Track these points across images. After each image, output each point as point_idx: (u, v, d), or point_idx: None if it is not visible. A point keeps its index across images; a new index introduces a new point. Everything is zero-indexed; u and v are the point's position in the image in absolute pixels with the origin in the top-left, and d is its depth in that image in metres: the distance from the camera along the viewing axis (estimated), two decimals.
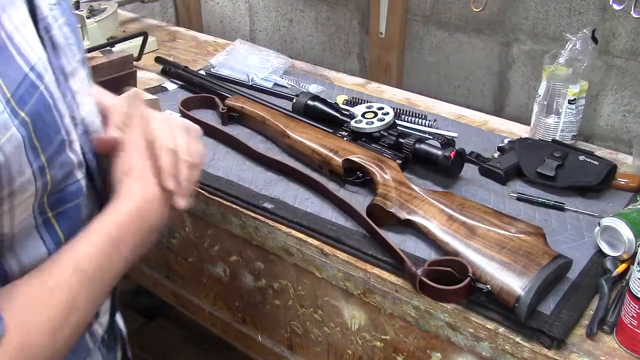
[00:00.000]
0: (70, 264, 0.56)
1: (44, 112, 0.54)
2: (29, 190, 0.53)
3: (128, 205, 0.62)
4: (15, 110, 0.49)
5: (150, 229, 0.65)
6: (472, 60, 1.51)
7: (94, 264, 0.57)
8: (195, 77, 1.38)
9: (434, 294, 0.80)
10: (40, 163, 0.53)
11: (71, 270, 0.56)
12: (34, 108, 0.52)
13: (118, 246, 0.60)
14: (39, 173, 0.53)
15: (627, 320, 0.74)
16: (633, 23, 1.22)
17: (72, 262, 0.56)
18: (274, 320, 1.14)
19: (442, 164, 1.01)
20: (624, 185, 1.04)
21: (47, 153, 0.54)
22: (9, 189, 0.50)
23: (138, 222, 0.63)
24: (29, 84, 0.52)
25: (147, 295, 1.93)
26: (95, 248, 0.58)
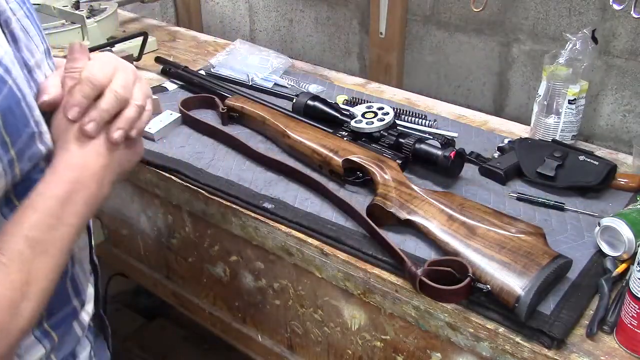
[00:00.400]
0: (19, 235, 0.54)
1: (14, 106, 0.54)
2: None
3: (68, 164, 0.59)
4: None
5: (95, 184, 0.61)
6: (472, 60, 1.51)
7: (43, 229, 0.55)
8: (195, 77, 1.38)
9: (434, 294, 0.80)
10: (9, 157, 0.53)
11: (22, 241, 0.54)
12: (4, 103, 0.52)
13: (65, 206, 0.57)
14: (9, 167, 0.54)
15: (627, 320, 0.74)
16: (633, 23, 1.22)
17: (20, 233, 0.54)
18: (274, 320, 1.14)
19: (442, 164, 1.01)
20: (624, 185, 1.04)
21: (16, 147, 0.54)
22: None
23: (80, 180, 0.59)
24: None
25: (147, 295, 1.93)
26: (41, 213, 0.56)
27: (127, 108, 0.62)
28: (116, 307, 2.02)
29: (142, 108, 0.64)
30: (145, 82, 0.66)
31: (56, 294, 0.65)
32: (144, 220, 1.29)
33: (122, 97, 0.61)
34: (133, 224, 1.32)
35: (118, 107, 0.61)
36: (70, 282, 0.70)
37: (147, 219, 1.28)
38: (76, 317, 0.73)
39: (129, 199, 1.29)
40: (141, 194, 1.25)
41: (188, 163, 1.13)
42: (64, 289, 0.69)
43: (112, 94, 0.60)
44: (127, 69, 0.64)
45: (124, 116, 0.62)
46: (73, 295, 0.71)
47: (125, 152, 0.65)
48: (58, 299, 0.68)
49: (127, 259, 1.43)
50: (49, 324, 0.67)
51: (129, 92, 0.62)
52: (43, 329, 0.66)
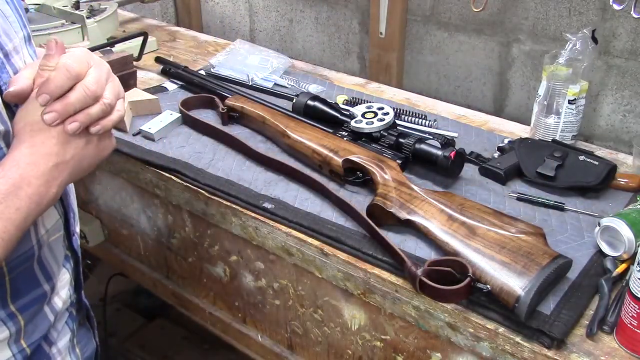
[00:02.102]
0: None
1: None
2: None
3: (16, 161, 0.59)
4: None
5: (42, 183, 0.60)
6: (472, 60, 1.51)
7: None
8: (195, 77, 1.38)
9: (434, 294, 0.80)
10: None
11: None
12: None
13: (7, 201, 0.57)
14: None
15: (627, 320, 0.74)
16: (633, 23, 1.22)
17: None
18: (274, 320, 1.14)
19: (442, 164, 1.01)
20: (624, 185, 1.04)
21: None
22: None
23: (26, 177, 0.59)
24: None
25: (147, 295, 1.93)
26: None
27: (93, 105, 0.62)
28: (116, 307, 2.02)
29: (109, 107, 0.63)
30: (118, 83, 0.66)
31: (23, 277, 0.66)
32: (144, 220, 1.29)
33: (92, 92, 0.61)
34: (133, 224, 1.32)
35: (86, 103, 0.61)
36: (39, 266, 0.70)
37: (147, 219, 1.28)
38: (47, 302, 0.73)
39: (129, 199, 1.29)
40: (141, 194, 1.25)
41: (188, 163, 1.13)
42: (31, 271, 0.69)
43: (82, 88, 0.60)
44: (101, 66, 0.64)
45: (87, 111, 0.62)
46: (43, 279, 0.71)
47: (85, 150, 0.64)
48: (25, 282, 0.68)
49: (127, 259, 1.43)
50: (16, 306, 0.67)
51: (99, 88, 0.62)
52: (9, 311, 0.67)
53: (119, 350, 1.86)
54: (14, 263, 0.65)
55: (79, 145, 0.63)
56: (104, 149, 0.67)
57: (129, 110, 1.25)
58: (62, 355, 0.77)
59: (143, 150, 1.17)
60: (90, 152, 0.64)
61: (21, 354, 0.70)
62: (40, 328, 0.72)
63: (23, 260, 0.67)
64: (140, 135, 1.21)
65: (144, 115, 1.27)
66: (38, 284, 0.71)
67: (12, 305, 0.67)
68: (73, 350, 0.80)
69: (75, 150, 0.62)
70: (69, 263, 0.78)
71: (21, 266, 0.67)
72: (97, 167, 0.68)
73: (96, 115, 0.62)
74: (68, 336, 0.79)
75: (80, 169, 0.64)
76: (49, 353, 0.75)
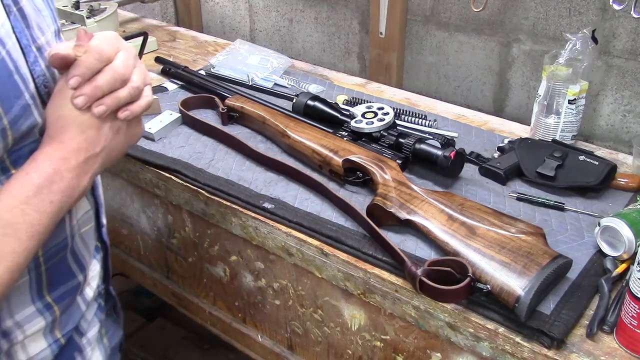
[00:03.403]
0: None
1: (5, 77, 0.55)
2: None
3: (48, 156, 0.60)
4: None
5: (74, 177, 0.61)
6: (472, 60, 1.51)
7: (16, 213, 0.56)
8: (195, 77, 1.38)
9: (434, 294, 0.80)
10: (2, 125, 0.55)
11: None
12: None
13: (40, 194, 0.58)
14: (1, 135, 0.55)
15: (627, 320, 0.74)
16: (633, 23, 1.22)
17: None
18: (274, 320, 1.14)
19: (442, 164, 1.01)
20: (624, 185, 1.04)
21: (9, 116, 0.56)
22: None
23: (59, 172, 0.60)
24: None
25: (147, 295, 1.93)
26: (15, 199, 0.57)
27: (121, 88, 0.62)
28: None
29: (137, 90, 0.63)
30: (145, 69, 0.66)
31: (58, 268, 0.68)
32: (144, 220, 1.29)
33: (120, 75, 0.61)
34: (133, 224, 1.32)
35: (114, 86, 0.61)
36: (72, 256, 0.71)
37: (147, 219, 1.28)
38: (80, 292, 0.74)
39: (129, 199, 1.29)
40: (141, 194, 1.25)
41: (188, 163, 1.13)
42: (65, 262, 0.70)
43: (111, 71, 0.61)
44: (129, 50, 0.64)
45: (115, 94, 0.61)
46: (77, 270, 0.72)
47: (115, 141, 0.64)
48: (60, 272, 0.69)
49: (127, 259, 1.43)
50: (52, 297, 0.68)
51: (128, 72, 0.62)
52: (45, 302, 0.68)
53: None
54: (49, 254, 0.66)
55: (108, 137, 0.63)
56: (133, 136, 0.67)
57: None
58: (92, 346, 0.78)
59: (143, 150, 1.17)
60: (120, 141, 0.65)
61: (56, 344, 0.71)
62: (73, 318, 0.74)
63: (57, 251, 0.67)
64: None
65: (144, 115, 1.26)
66: (72, 275, 0.72)
67: (48, 296, 0.68)
68: (101, 340, 0.81)
69: (105, 142, 0.63)
70: (99, 254, 0.80)
71: (56, 257, 0.67)
72: None
73: (124, 99, 0.62)
74: (97, 327, 0.80)
75: (110, 159, 0.65)
76: (79, 343, 0.76)
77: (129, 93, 0.62)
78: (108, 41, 0.61)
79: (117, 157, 0.66)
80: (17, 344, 0.66)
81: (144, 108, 0.65)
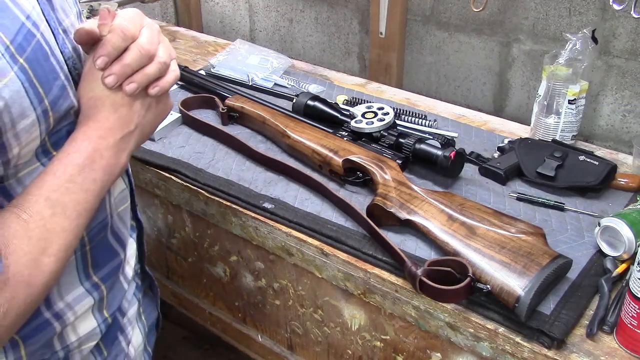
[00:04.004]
0: (40, 196, 0.56)
1: (42, 59, 0.56)
2: (33, 132, 0.55)
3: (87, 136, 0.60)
4: (14, 56, 0.52)
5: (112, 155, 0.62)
6: (472, 60, 1.51)
7: (62, 192, 0.57)
8: (195, 77, 1.38)
9: (434, 294, 0.80)
10: (44, 107, 0.56)
11: (42, 201, 0.56)
12: (31, 55, 0.54)
13: (83, 173, 0.59)
14: (43, 117, 0.56)
15: (627, 320, 0.74)
16: (633, 23, 1.22)
17: (41, 195, 0.56)
18: (274, 320, 1.14)
19: (442, 164, 1.01)
20: (624, 185, 1.04)
21: (50, 98, 0.56)
22: (13, 131, 0.53)
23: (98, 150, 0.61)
24: (26, 32, 0.54)
25: None
26: (60, 179, 0.58)
27: (149, 64, 0.62)
28: None
29: (165, 65, 0.64)
30: (169, 44, 0.66)
31: (101, 247, 0.69)
32: (144, 220, 1.29)
33: (146, 52, 0.61)
34: None
35: (141, 63, 0.62)
36: (112, 235, 0.71)
37: (147, 219, 1.28)
38: (122, 271, 0.75)
39: None
40: (141, 194, 1.25)
41: (188, 163, 1.13)
42: (106, 241, 0.71)
43: (137, 48, 0.61)
44: (153, 26, 0.64)
45: (143, 71, 0.62)
46: (119, 248, 0.73)
47: (146, 118, 0.65)
48: (103, 251, 0.70)
49: None
50: (98, 276, 0.69)
51: (154, 48, 0.62)
52: (93, 281, 0.69)
53: None
54: (92, 233, 0.67)
55: (140, 114, 0.64)
56: (163, 111, 0.68)
57: None
58: (132, 325, 0.79)
59: (143, 150, 1.17)
60: (151, 117, 0.66)
61: (104, 323, 0.72)
62: (118, 297, 0.74)
63: (99, 230, 0.68)
64: None
65: None
66: (115, 253, 0.72)
67: (94, 275, 0.69)
68: (140, 319, 0.83)
69: (138, 119, 0.64)
70: (135, 232, 0.81)
71: (98, 235, 0.68)
72: None
73: (153, 75, 0.63)
74: (136, 305, 0.81)
75: (144, 135, 0.66)
76: (121, 323, 0.77)
77: (157, 68, 0.63)
78: (131, 19, 0.62)
79: (150, 133, 0.67)
80: (68, 325, 0.67)
81: (172, 83, 0.66)
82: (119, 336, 0.76)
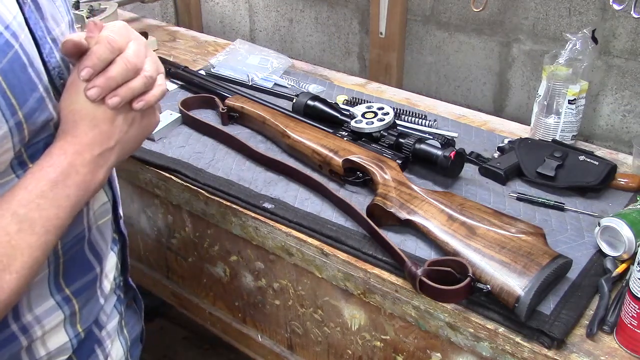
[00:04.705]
0: (7, 211, 0.55)
1: (18, 70, 0.55)
2: (5, 145, 0.54)
3: (63, 150, 0.59)
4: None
5: (89, 171, 0.60)
6: (472, 60, 1.51)
7: (32, 208, 0.56)
8: (195, 77, 1.38)
9: (434, 294, 0.80)
10: (17, 119, 0.55)
11: (9, 216, 0.55)
12: (6, 66, 0.53)
13: (56, 189, 0.58)
14: (16, 129, 0.55)
15: (627, 320, 0.74)
16: (633, 23, 1.22)
17: (9, 209, 0.55)
18: (274, 320, 1.14)
19: (442, 164, 1.01)
20: (624, 185, 1.04)
21: (24, 110, 0.55)
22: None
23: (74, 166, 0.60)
24: (3, 42, 0.53)
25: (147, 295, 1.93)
26: (30, 193, 0.56)
27: (134, 78, 0.61)
28: None
29: (151, 79, 0.63)
30: (157, 58, 0.65)
31: (76, 260, 0.68)
32: (144, 220, 1.29)
33: (132, 65, 0.60)
34: (133, 223, 1.32)
35: (126, 76, 0.60)
36: (89, 249, 0.70)
37: (147, 219, 1.28)
38: (99, 285, 0.74)
39: (129, 199, 1.29)
40: (141, 194, 1.25)
41: (188, 163, 1.13)
42: (82, 255, 0.70)
43: (123, 61, 0.60)
44: (140, 40, 0.63)
45: (128, 85, 0.61)
46: (95, 262, 0.72)
47: (129, 133, 0.64)
48: (78, 264, 0.69)
49: None
50: (70, 290, 0.68)
51: (140, 61, 0.61)
52: (64, 294, 0.67)
53: None
54: (67, 246, 0.66)
55: (122, 130, 0.62)
56: (148, 126, 0.67)
57: None
58: (111, 338, 0.78)
59: (143, 150, 1.17)
60: (135, 133, 0.64)
61: (77, 338, 0.71)
62: (93, 312, 0.73)
63: (75, 243, 0.67)
64: None
65: None
66: (90, 267, 0.71)
67: (66, 288, 0.68)
68: (121, 332, 0.81)
69: (119, 135, 0.62)
70: (116, 246, 0.79)
71: (73, 249, 0.67)
72: None
73: (138, 89, 0.61)
74: (117, 319, 0.80)
75: (126, 151, 0.64)
76: (98, 336, 0.75)
77: (142, 83, 0.62)
78: (119, 31, 0.61)
79: (133, 149, 0.66)
80: (36, 340, 0.66)
81: (158, 97, 0.64)
82: (96, 349, 0.75)
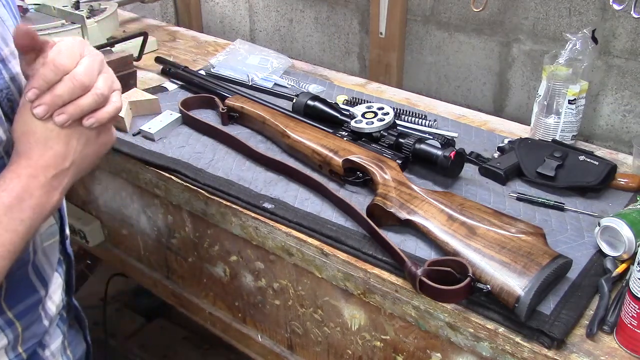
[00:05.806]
0: None
1: None
2: None
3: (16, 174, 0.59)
4: None
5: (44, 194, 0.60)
6: (472, 60, 1.51)
7: None
8: (195, 77, 1.38)
9: (434, 294, 0.80)
10: None
11: None
12: None
13: (10, 213, 0.57)
14: None
15: (627, 320, 0.74)
16: (633, 23, 1.22)
17: None
18: (274, 320, 1.14)
19: (442, 164, 1.01)
20: (624, 185, 1.04)
21: None
22: None
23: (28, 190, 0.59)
24: None
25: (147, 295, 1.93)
26: None
27: (83, 95, 0.60)
28: (116, 307, 2.02)
29: (102, 97, 0.61)
30: (112, 75, 0.64)
31: (19, 283, 0.66)
32: (144, 220, 1.29)
33: (79, 83, 0.59)
34: (133, 224, 1.32)
35: (73, 94, 0.59)
36: (34, 271, 0.69)
37: (147, 219, 1.28)
38: (42, 307, 0.73)
39: (129, 199, 1.29)
40: (141, 194, 1.25)
41: (188, 163, 1.13)
42: (26, 278, 0.69)
43: (70, 79, 0.59)
44: (94, 56, 0.61)
45: (76, 102, 0.60)
46: (39, 285, 0.71)
47: (84, 153, 0.63)
48: (21, 288, 0.68)
49: (127, 259, 1.43)
50: (13, 313, 0.67)
51: (90, 79, 0.60)
52: (6, 317, 0.66)
53: (119, 351, 1.86)
54: (10, 269, 0.64)
55: (77, 150, 0.61)
56: (103, 145, 0.65)
57: (128, 110, 1.25)
58: (55, 358, 0.77)
59: (143, 150, 1.17)
60: (90, 152, 0.63)
61: (17, 358, 0.70)
62: (37, 334, 0.72)
63: (19, 266, 0.66)
64: (140, 135, 1.21)
65: (144, 115, 1.27)
66: (34, 290, 0.70)
67: (9, 312, 0.67)
68: (64, 352, 0.80)
69: (74, 155, 0.61)
70: (62, 267, 0.78)
71: (17, 272, 0.66)
72: (96, 166, 0.68)
73: (88, 107, 0.60)
74: (60, 339, 0.78)
75: (81, 171, 0.64)
76: (42, 356, 0.74)
77: (93, 100, 0.60)
78: (69, 49, 0.59)
79: (88, 168, 0.65)
80: None
81: (111, 114, 0.63)
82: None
